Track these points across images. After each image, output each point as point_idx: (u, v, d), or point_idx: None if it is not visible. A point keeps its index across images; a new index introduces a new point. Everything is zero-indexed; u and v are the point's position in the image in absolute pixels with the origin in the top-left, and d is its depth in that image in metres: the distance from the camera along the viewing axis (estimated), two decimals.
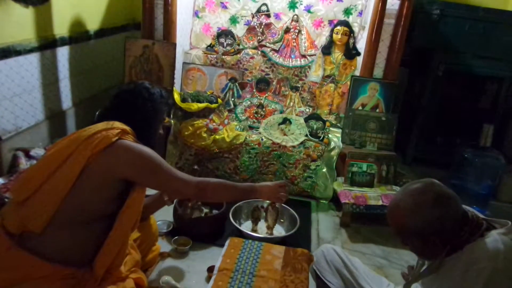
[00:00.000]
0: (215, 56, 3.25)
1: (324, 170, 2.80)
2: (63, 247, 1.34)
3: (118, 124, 1.45)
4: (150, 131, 1.61)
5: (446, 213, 1.15)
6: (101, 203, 1.39)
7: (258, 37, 3.34)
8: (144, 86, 1.61)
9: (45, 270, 1.31)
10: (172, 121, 2.89)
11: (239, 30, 3.42)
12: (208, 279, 1.87)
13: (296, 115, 3.15)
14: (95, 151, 1.34)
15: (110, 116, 1.51)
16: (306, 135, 2.89)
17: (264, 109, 3.15)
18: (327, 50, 3.18)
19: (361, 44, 3.13)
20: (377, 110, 2.97)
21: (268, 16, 3.34)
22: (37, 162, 1.40)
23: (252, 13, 3.36)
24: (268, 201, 2.18)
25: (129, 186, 1.46)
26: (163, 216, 2.25)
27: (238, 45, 3.31)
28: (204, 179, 1.59)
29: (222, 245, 1.70)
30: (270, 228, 2.21)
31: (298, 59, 3.33)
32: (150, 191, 1.61)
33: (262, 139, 2.85)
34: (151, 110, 1.59)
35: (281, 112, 3.17)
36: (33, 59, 2.54)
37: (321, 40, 3.34)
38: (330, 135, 2.91)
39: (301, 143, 2.84)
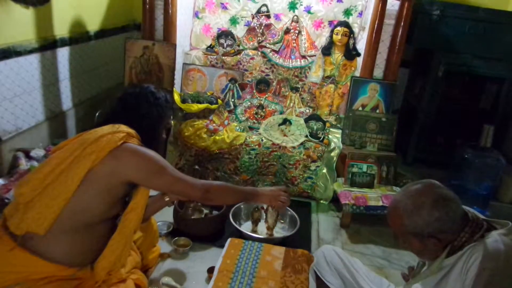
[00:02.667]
0: (215, 57, 3.25)
1: (324, 170, 2.80)
2: (66, 248, 1.35)
3: (123, 128, 1.45)
4: (154, 135, 1.61)
5: (445, 215, 1.15)
6: (105, 206, 1.39)
7: (258, 38, 3.34)
8: (150, 91, 1.61)
9: (47, 271, 1.32)
10: (172, 122, 2.89)
11: (239, 31, 3.41)
12: (208, 280, 1.87)
13: (296, 115, 3.15)
14: (101, 154, 1.34)
15: (114, 119, 1.51)
16: (306, 136, 2.88)
17: (264, 109, 3.15)
18: (327, 50, 3.18)
19: (361, 45, 3.12)
20: (377, 111, 2.97)
21: (268, 17, 3.33)
22: (42, 164, 1.40)
23: (252, 14, 3.35)
24: None
25: (132, 189, 1.46)
26: (163, 217, 2.25)
27: (238, 46, 3.31)
28: (208, 182, 1.61)
29: (222, 246, 1.69)
30: (270, 229, 2.21)
31: (298, 59, 3.33)
32: (152, 193, 1.61)
33: (262, 140, 2.85)
34: (156, 115, 1.59)
35: (281, 113, 3.17)
36: (33, 59, 2.54)
37: (321, 41, 3.33)
38: (330, 136, 2.91)
39: (301, 143, 2.84)
